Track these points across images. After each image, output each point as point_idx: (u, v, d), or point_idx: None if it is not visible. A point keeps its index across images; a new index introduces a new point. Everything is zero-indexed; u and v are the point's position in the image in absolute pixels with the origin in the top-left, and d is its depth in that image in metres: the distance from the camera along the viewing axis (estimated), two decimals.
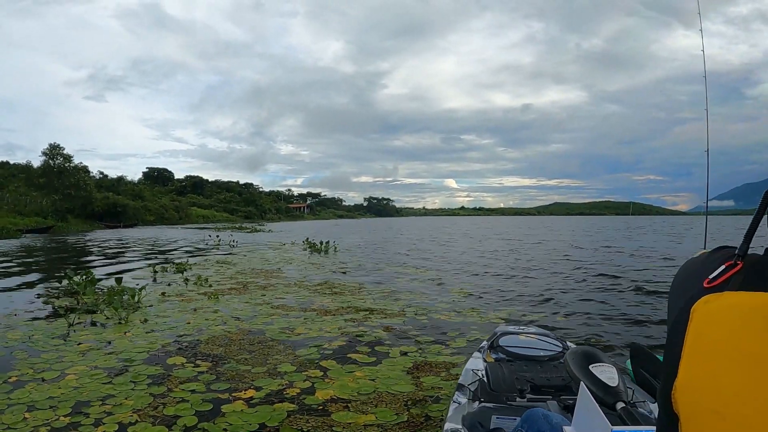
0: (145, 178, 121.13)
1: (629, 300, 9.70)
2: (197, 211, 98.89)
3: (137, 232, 47.90)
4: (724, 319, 0.78)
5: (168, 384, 4.59)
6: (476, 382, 3.02)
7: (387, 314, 7.93)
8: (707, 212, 4.87)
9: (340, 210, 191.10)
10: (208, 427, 3.67)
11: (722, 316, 0.78)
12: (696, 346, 0.79)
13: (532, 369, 3.15)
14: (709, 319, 0.79)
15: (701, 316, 0.80)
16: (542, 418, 1.98)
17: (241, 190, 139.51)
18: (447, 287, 11.36)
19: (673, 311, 0.89)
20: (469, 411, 2.71)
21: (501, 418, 2.56)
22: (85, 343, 6.10)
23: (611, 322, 7.76)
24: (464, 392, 2.95)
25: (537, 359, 3.34)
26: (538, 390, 2.88)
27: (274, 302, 9.00)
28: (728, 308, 0.78)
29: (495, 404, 2.76)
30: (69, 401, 4.14)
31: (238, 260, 17.88)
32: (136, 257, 19.62)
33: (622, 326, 7.45)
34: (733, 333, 0.76)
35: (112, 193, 73.18)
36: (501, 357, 3.46)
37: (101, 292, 9.14)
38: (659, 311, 8.26)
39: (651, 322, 7.61)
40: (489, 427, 2.51)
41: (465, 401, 2.84)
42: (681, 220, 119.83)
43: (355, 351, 5.81)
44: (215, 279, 12.30)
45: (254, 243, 28.98)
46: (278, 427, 3.70)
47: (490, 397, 2.84)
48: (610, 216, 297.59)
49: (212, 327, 6.99)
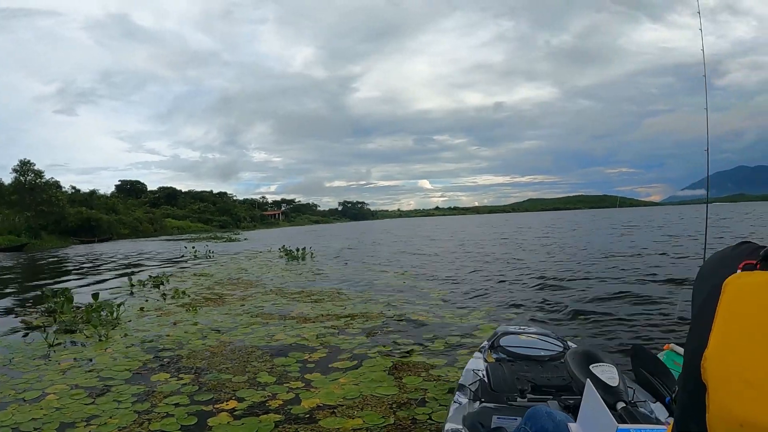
0: (118, 191, 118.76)
1: (618, 298, 9.74)
2: (172, 223, 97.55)
3: (112, 246, 47.04)
4: (755, 293, 0.82)
5: (152, 400, 4.53)
6: (477, 382, 3.00)
7: (366, 318, 7.93)
8: (708, 201, 4.92)
9: (315, 215, 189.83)
10: None
11: (754, 290, 0.82)
12: (727, 318, 0.83)
13: (533, 369, 3.14)
14: (741, 293, 0.83)
15: (733, 289, 0.84)
16: (546, 416, 1.96)
17: (215, 199, 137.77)
18: (424, 289, 11.40)
19: (701, 292, 0.93)
20: (470, 411, 2.69)
21: (502, 418, 2.54)
22: (66, 361, 5.98)
23: (596, 322, 7.83)
24: (465, 392, 2.94)
25: (538, 359, 3.32)
26: (539, 390, 2.86)
27: (253, 311, 8.94)
28: (759, 284, 0.82)
29: (496, 404, 2.74)
30: (53, 422, 4.05)
31: (215, 271, 17.69)
32: (112, 272, 19.27)
33: (617, 326, 7.33)
34: (763, 306, 0.80)
35: (85, 207, 71.68)
36: (502, 357, 3.44)
37: (79, 310, 8.98)
38: (657, 310, 8.16)
39: (648, 323, 7.45)
40: (490, 426, 2.50)
41: (466, 401, 2.83)
42: (655, 211, 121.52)
43: (337, 356, 5.80)
44: (193, 291, 12.16)
45: (230, 252, 28.68)
46: None
47: (491, 397, 2.83)
48: (585, 209, 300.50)
49: (193, 340, 6.90)
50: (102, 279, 16.71)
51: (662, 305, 8.34)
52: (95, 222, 68.17)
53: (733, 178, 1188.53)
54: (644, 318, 7.78)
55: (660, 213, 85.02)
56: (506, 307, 8.98)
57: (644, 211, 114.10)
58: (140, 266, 21.35)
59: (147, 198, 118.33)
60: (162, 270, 18.11)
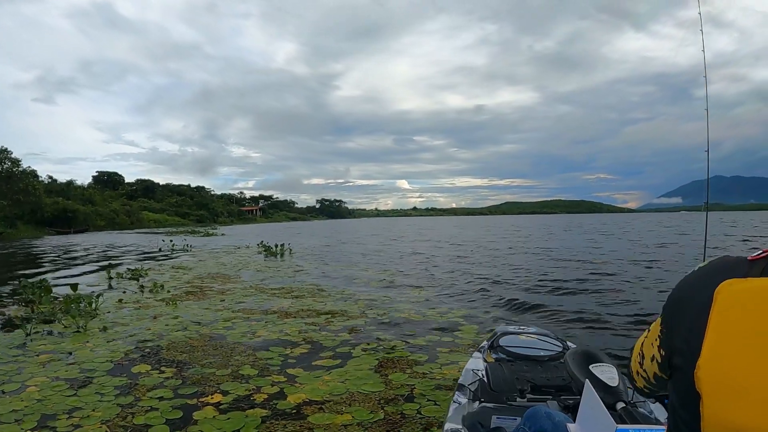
0: (95, 182, 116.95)
1: (596, 298, 9.96)
2: (149, 216, 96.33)
3: (88, 237, 46.33)
4: (747, 301, 0.82)
5: (135, 393, 4.46)
6: (476, 382, 2.98)
7: (348, 315, 7.91)
8: (707, 209, 4.93)
9: (293, 212, 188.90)
10: None
11: (745, 297, 0.82)
12: (719, 326, 0.83)
13: (533, 369, 3.11)
14: (733, 301, 0.83)
15: (725, 297, 0.84)
16: (545, 416, 1.95)
17: (193, 193, 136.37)
18: (404, 287, 11.43)
19: (689, 302, 0.92)
20: (469, 411, 2.68)
21: (501, 418, 2.52)
22: (45, 353, 5.86)
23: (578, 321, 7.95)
24: (464, 392, 2.92)
25: (537, 359, 3.30)
26: (538, 390, 2.84)
27: (233, 307, 8.86)
28: (751, 291, 0.83)
29: (495, 404, 2.71)
30: (34, 414, 3.97)
31: (194, 265, 17.52)
32: (89, 264, 18.97)
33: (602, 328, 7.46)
34: (754, 314, 0.80)
35: (62, 198, 70.39)
36: (501, 357, 3.41)
37: (57, 301, 8.82)
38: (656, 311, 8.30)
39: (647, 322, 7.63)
40: (489, 426, 2.48)
41: (465, 401, 2.81)
42: (630, 217, 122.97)
43: (320, 353, 5.78)
44: (172, 285, 12.02)
45: (208, 247, 28.40)
46: None
47: (491, 397, 2.80)
48: (562, 214, 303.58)
49: (173, 333, 6.83)
50: (79, 271, 16.43)
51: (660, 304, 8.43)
52: (71, 213, 66.98)
53: (710, 187, 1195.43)
54: (642, 318, 7.87)
55: (638, 219, 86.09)
56: (487, 306, 9.02)
57: (621, 217, 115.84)
58: (117, 259, 21.03)
59: (124, 190, 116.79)
60: (140, 263, 17.87)
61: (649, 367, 1.07)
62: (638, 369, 1.15)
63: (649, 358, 1.06)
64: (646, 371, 1.09)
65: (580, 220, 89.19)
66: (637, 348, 1.17)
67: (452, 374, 4.92)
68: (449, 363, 5.36)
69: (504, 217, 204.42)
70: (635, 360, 1.17)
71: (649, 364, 1.06)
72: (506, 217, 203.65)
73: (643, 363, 1.11)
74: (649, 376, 1.09)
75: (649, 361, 1.06)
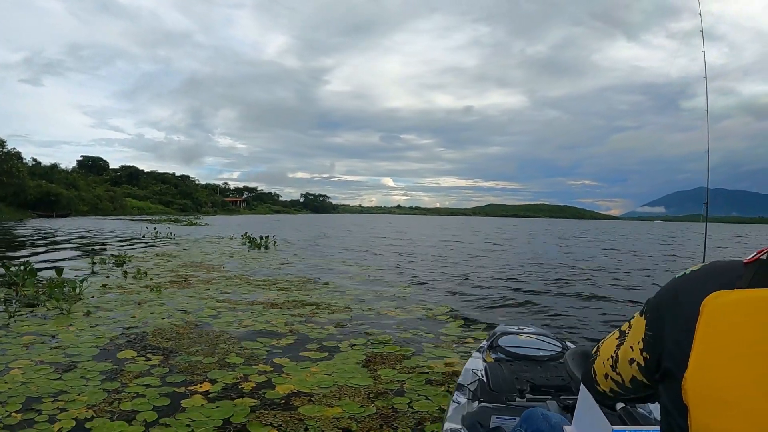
0: (80, 166, 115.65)
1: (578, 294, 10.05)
2: (132, 203, 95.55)
3: (71, 222, 45.78)
4: (732, 313, 0.80)
5: (121, 379, 4.38)
6: (476, 382, 2.97)
7: (333, 309, 7.87)
8: (706, 218, 4.93)
9: (277, 205, 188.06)
10: (171, 423, 3.52)
11: (731, 310, 0.80)
12: (705, 338, 0.81)
13: (532, 369, 3.09)
14: (719, 313, 0.81)
15: (711, 310, 0.82)
16: (541, 418, 1.93)
17: (178, 182, 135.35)
18: (388, 282, 11.44)
19: (684, 305, 0.88)
20: (468, 411, 2.66)
21: (501, 418, 2.51)
22: (28, 335, 5.76)
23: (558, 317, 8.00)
24: (464, 392, 2.91)
25: (537, 359, 3.28)
26: (537, 390, 2.83)
27: (219, 296, 8.79)
28: (736, 303, 0.80)
29: (495, 404, 2.70)
30: (18, 396, 3.88)
31: (178, 253, 17.35)
32: (72, 248, 18.72)
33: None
34: (740, 326, 0.78)
35: (45, 181, 69.43)
36: (501, 357, 3.39)
37: (41, 284, 8.69)
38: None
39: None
40: (489, 426, 2.47)
41: (465, 401, 2.80)
42: (614, 224, 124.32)
43: (306, 345, 5.74)
44: (156, 272, 11.89)
45: (192, 236, 28.17)
46: (245, 423, 3.58)
47: (490, 397, 2.79)
48: (545, 218, 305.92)
49: (159, 320, 6.75)
50: (62, 255, 16.19)
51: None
52: (55, 197, 66.14)
53: (692, 198, 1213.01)
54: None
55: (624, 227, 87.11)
56: (471, 302, 9.05)
57: (605, 224, 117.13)
58: (101, 244, 20.81)
59: (108, 176, 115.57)
60: (123, 249, 17.67)
61: (626, 371, 1.02)
62: (608, 372, 1.09)
63: (626, 360, 1.01)
64: (621, 375, 1.04)
65: (564, 225, 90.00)
66: (606, 350, 1.12)
67: (440, 369, 4.92)
68: (435, 358, 5.36)
69: (488, 219, 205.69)
70: (603, 363, 1.12)
71: (627, 367, 1.01)
72: (490, 219, 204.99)
73: (616, 366, 1.06)
74: (623, 380, 1.04)
75: (627, 364, 1.01)
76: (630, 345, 1.00)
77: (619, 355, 1.05)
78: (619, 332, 1.09)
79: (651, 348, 0.93)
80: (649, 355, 0.94)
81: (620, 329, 1.09)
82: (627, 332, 1.04)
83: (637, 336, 0.97)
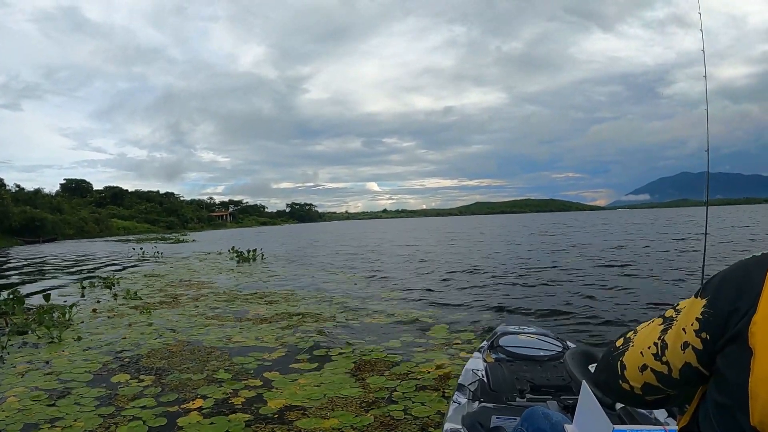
0: (63, 190, 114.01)
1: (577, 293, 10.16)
2: (118, 223, 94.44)
3: (58, 246, 45.20)
4: None
5: (116, 403, 4.40)
6: (476, 382, 2.95)
7: (321, 319, 7.92)
8: (707, 205, 4.98)
9: (263, 217, 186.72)
10: None
11: None
12: None
13: (532, 369, 3.08)
14: None
15: None
16: (542, 417, 1.90)
17: (162, 199, 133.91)
18: (374, 289, 11.53)
19: (752, 276, 0.89)
20: (468, 411, 2.64)
21: (501, 417, 2.49)
22: (22, 364, 5.75)
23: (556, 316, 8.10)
24: (464, 392, 2.88)
25: (537, 359, 3.27)
26: (538, 390, 2.81)
27: (208, 313, 8.79)
28: None
29: (495, 404, 2.69)
30: (16, 424, 3.90)
31: (166, 272, 17.26)
32: (60, 273, 18.51)
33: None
34: None
35: (29, 206, 68.49)
36: (501, 357, 3.38)
37: (30, 312, 8.65)
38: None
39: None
40: (489, 426, 2.45)
41: (465, 401, 2.78)
42: (601, 215, 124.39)
43: (296, 357, 5.78)
44: (145, 292, 11.85)
45: (179, 254, 27.97)
46: None
47: (490, 397, 2.78)
48: (531, 213, 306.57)
49: (149, 341, 6.75)
50: (51, 281, 16.05)
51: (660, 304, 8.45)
52: (39, 222, 65.20)
53: (676, 183, 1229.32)
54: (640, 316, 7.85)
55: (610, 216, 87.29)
56: (457, 305, 9.10)
57: (592, 215, 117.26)
58: (88, 267, 20.63)
59: (92, 197, 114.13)
60: (111, 271, 17.55)
61: (677, 357, 0.96)
62: (648, 362, 1.01)
63: (678, 345, 0.95)
64: (670, 363, 0.97)
65: (550, 219, 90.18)
66: (646, 338, 1.04)
67: (431, 373, 4.97)
68: (425, 361, 5.42)
69: (475, 218, 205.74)
70: (641, 353, 1.04)
71: (678, 353, 0.95)
72: (477, 217, 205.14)
73: (663, 354, 0.98)
74: (671, 368, 0.97)
75: (679, 349, 0.94)
76: (682, 327, 0.95)
77: (667, 340, 0.98)
78: (662, 318, 1.03)
79: (709, 325, 0.90)
80: (709, 334, 0.90)
81: (663, 315, 1.04)
82: (675, 317, 1.00)
83: (691, 316, 0.94)
